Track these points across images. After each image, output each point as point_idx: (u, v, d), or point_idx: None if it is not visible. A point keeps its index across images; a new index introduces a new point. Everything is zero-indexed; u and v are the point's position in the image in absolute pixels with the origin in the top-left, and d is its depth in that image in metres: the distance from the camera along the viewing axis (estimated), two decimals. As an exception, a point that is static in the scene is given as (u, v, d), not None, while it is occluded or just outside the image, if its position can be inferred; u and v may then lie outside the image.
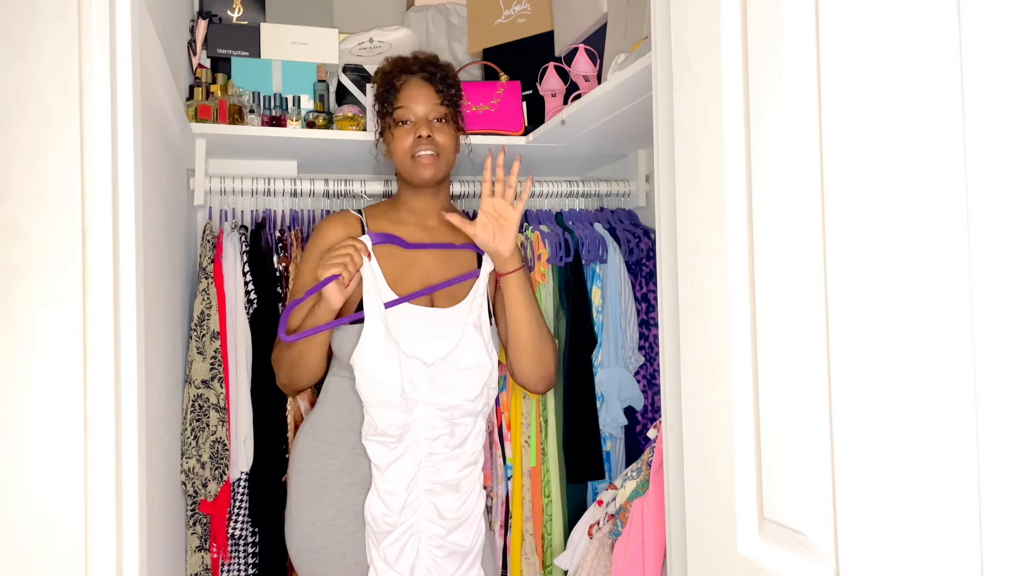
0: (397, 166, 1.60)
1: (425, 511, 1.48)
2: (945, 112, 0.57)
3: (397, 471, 1.46)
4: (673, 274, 0.96)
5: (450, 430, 1.50)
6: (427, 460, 1.48)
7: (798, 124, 0.71)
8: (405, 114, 1.57)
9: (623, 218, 2.11)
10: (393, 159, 1.61)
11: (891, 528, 0.62)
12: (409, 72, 1.61)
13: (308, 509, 1.51)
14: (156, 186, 1.26)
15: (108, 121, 0.84)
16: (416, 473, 1.47)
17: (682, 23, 0.91)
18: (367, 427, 1.47)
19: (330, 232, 1.57)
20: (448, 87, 1.61)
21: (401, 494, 1.46)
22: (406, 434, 1.47)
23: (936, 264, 0.58)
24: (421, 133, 1.55)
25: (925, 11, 0.58)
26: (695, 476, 0.90)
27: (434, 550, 1.48)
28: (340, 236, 1.56)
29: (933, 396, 0.58)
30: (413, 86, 1.59)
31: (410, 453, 1.47)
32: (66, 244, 0.81)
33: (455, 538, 1.50)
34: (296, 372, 1.54)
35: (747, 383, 0.79)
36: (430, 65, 1.63)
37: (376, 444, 1.47)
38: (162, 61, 1.20)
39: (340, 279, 1.43)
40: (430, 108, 1.57)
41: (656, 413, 1.98)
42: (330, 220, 1.60)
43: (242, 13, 2.06)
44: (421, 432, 1.48)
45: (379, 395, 1.45)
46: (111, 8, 0.86)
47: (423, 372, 1.47)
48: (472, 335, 1.53)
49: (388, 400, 1.45)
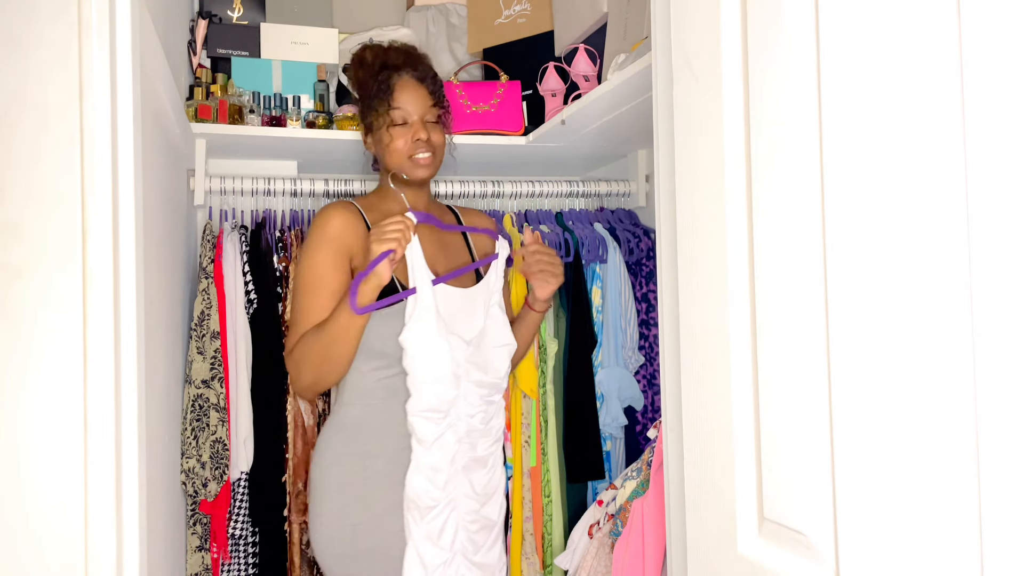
0: (390, 163, 1.60)
1: (462, 487, 1.53)
2: (945, 112, 0.57)
3: (441, 447, 1.49)
4: (673, 274, 0.96)
5: (484, 407, 1.55)
6: (465, 437, 1.53)
7: (798, 124, 0.71)
8: (402, 115, 1.58)
9: (623, 218, 2.11)
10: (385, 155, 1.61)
11: (891, 528, 0.62)
12: (396, 68, 1.61)
13: (350, 512, 1.49)
14: (156, 186, 1.26)
15: (108, 121, 0.84)
16: (456, 449, 1.51)
17: (682, 23, 0.91)
18: (416, 404, 1.48)
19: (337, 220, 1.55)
20: (438, 87, 1.64)
21: (445, 469, 1.49)
22: (451, 410, 1.50)
23: (936, 264, 0.58)
24: (420, 136, 1.57)
25: (925, 11, 0.58)
26: (695, 476, 0.89)
27: (469, 524, 1.53)
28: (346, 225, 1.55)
29: (933, 395, 0.58)
30: (408, 87, 1.60)
31: (452, 429, 1.51)
32: (65, 244, 0.81)
33: (486, 511, 1.56)
34: (327, 366, 1.48)
35: (747, 383, 0.79)
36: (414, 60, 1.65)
37: (424, 420, 1.48)
38: (162, 61, 1.20)
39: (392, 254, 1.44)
40: (425, 110, 1.60)
41: (656, 413, 1.98)
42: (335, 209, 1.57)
43: (242, 13, 2.06)
44: (462, 409, 1.52)
45: (433, 371, 1.47)
46: (111, 8, 0.86)
47: (464, 350, 1.52)
48: (497, 314, 1.60)
49: (440, 376, 1.48)
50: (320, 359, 1.47)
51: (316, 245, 1.53)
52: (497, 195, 2.09)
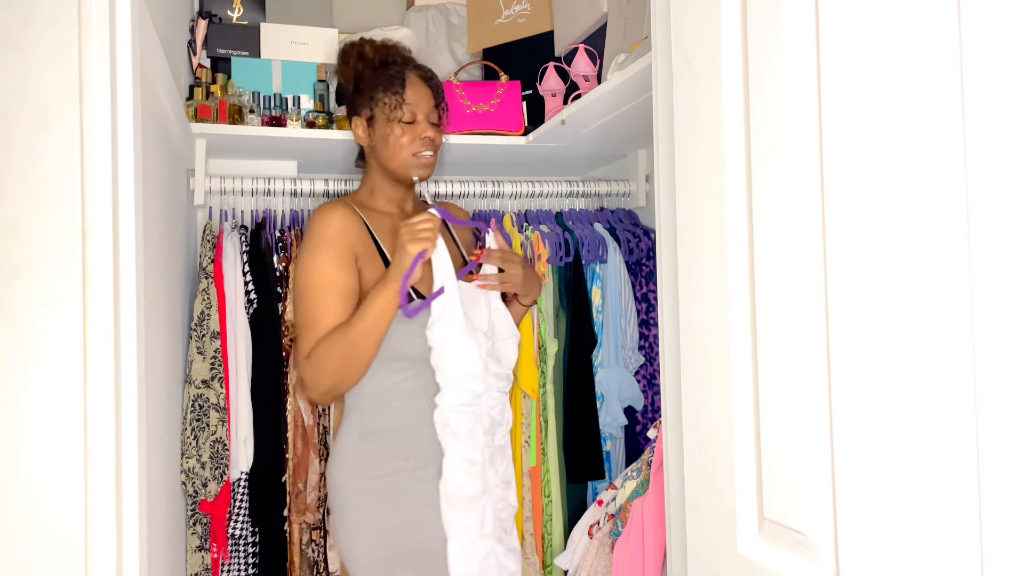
0: (391, 159, 1.58)
1: (491, 476, 1.55)
2: (945, 111, 0.57)
3: (472, 438, 1.51)
4: (673, 274, 0.96)
5: (501, 397, 1.59)
6: (489, 428, 1.55)
7: (798, 123, 0.71)
8: (412, 112, 1.58)
9: (623, 218, 2.11)
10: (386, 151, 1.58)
11: (891, 528, 0.62)
12: (402, 65, 1.62)
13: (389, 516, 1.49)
14: (156, 186, 1.26)
15: (108, 121, 0.84)
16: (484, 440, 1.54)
17: (682, 23, 0.91)
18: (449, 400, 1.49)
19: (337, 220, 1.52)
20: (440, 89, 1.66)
21: (479, 460, 1.52)
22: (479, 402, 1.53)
23: (936, 264, 0.58)
24: (428, 134, 1.57)
25: (925, 10, 0.58)
26: (695, 476, 0.89)
27: (499, 512, 1.56)
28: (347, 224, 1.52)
29: (933, 395, 0.58)
30: (416, 84, 1.60)
31: (479, 421, 1.53)
32: (65, 244, 0.81)
33: (509, 497, 1.60)
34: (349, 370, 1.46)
35: (747, 383, 0.79)
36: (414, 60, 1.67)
37: (457, 415, 1.50)
38: (162, 61, 1.20)
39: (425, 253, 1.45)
40: (430, 110, 1.60)
41: (656, 413, 1.98)
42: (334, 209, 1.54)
43: (242, 13, 2.06)
44: (486, 401, 1.54)
45: (465, 366, 1.49)
46: (111, 8, 0.86)
47: (485, 343, 1.54)
48: (500, 307, 1.62)
49: (472, 371, 1.50)
50: (342, 362, 1.44)
51: (318, 246, 1.50)
52: (497, 195, 2.09)
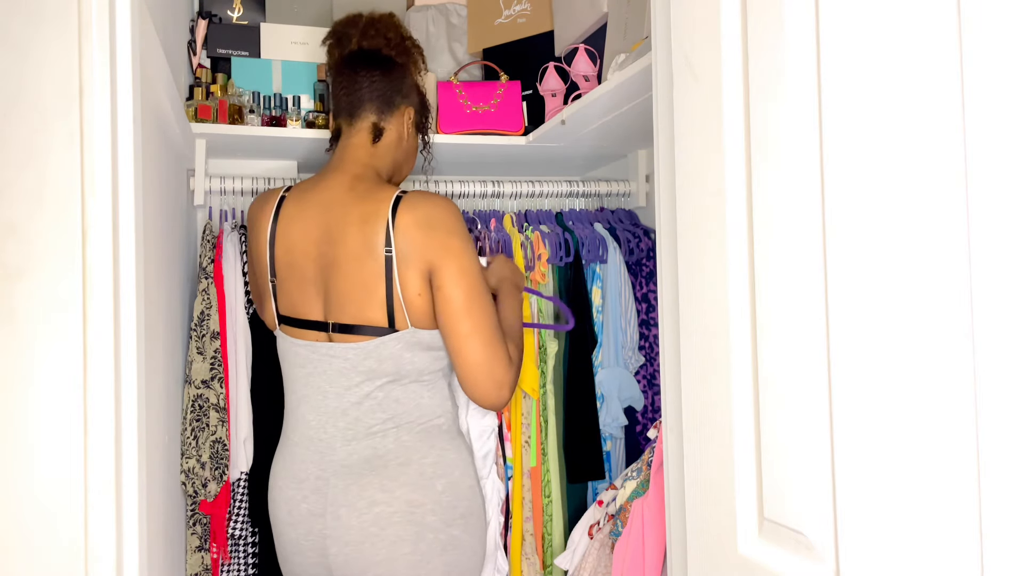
0: (405, 163, 1.61)
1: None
2: (945, 111, 0.57)
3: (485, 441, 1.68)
4: (673, 274, 0.96)
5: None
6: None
7: (798, 124, 0.71)
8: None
9: (623, 218, 2.10)
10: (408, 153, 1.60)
11: (891, 528, 0.62)
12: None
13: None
14: (156, 186, 1.26)
15: (108, 121, 0.84)
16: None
17: (682, 23, 0.90)
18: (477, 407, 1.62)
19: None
20: None
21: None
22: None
23: (936, 264, 0.58)
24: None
25: (925, 10, 0.58)
26: (695, 476, 0.89)
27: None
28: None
29: (933, 396, 0.58)
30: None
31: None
32: (66, 244, 0.81)
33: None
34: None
35: (747, 383, 0.79)
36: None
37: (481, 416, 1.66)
38: (162, 61, 1.20)
39: None
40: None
41: (656, 413, 1.98)
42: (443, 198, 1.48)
43: (242, 13, 2.06)
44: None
45: None
46: (111, 8, 0.86)
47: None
48: None
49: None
50: (519, 364, 1.44)
51: (469, 239, 1.41)
52: (497, 195, 2.09)
